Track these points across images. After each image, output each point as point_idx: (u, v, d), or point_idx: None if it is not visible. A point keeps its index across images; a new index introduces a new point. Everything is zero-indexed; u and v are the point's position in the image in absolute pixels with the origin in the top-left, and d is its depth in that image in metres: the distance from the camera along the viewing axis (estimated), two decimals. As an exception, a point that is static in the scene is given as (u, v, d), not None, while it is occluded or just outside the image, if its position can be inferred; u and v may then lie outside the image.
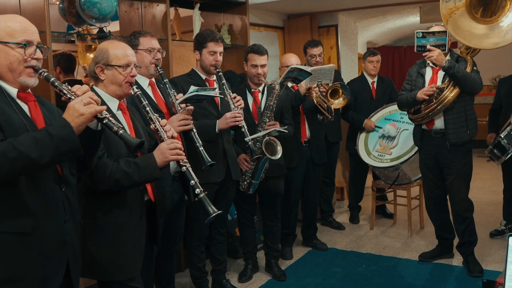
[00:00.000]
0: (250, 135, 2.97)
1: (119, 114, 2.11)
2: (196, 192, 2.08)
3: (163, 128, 2.14)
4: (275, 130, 3.13)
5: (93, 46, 3.98)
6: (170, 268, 2.81)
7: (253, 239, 3.58)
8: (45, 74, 1.60)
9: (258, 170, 3.15)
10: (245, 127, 2.93)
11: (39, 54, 1.61)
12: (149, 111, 2.16)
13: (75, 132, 1.47)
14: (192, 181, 2.09)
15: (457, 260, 3.69)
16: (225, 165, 3.01)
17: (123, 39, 2.64)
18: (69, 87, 1.57)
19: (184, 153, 2.12)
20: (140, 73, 2.46)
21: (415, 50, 3.33)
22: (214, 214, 2.07)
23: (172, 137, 2.13)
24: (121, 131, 1.60)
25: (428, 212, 3.73)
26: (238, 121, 2.87)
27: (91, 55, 3.90)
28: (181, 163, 2.11)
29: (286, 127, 3.23)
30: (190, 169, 2.11)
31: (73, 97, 1.54)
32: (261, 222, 3.71)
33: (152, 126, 2.16)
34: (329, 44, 5.38)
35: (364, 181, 4.92)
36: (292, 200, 3.91)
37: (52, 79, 1.59)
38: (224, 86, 2.90)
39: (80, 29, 3.41)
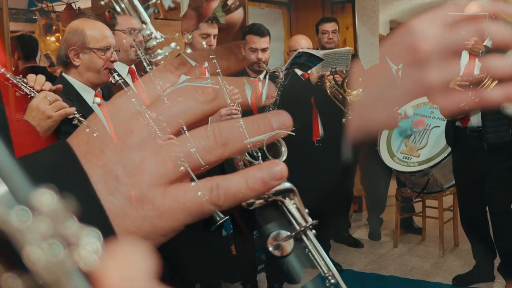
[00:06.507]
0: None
1: (95, 107, 2.14)
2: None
3: None
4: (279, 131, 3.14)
5: (54, 27, 3.98)
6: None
7: (252, 259, 3.60)
8: None
9: (258, 176, 3.17)
10: (244, 126, 2.95)
11: None
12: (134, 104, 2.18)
13: (41, 138, 1.51)
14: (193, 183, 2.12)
15: (498, 285, 3.72)
16: (220, 171, 3.02)
17: (97, 18, 2.67)
18: (24, 80, 1.55)
19: None
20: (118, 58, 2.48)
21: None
22: (221, 221, 2.11)
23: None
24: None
25: (464, 226, 3.76)
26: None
27: (52, 38, 3.91)
28: None
29: (293, 128, 3.24)
30: (189, 169, 2.14)
31: (33, 94, 1.53)
32: (262, 238, 3.73)
33: None
34: (345, 24, 5.41)
35: (387, 189, 4.95)
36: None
37: (3, 70, 1.57)
38: (218, 76, 2.93)
39: (44, 6, 3.44)
